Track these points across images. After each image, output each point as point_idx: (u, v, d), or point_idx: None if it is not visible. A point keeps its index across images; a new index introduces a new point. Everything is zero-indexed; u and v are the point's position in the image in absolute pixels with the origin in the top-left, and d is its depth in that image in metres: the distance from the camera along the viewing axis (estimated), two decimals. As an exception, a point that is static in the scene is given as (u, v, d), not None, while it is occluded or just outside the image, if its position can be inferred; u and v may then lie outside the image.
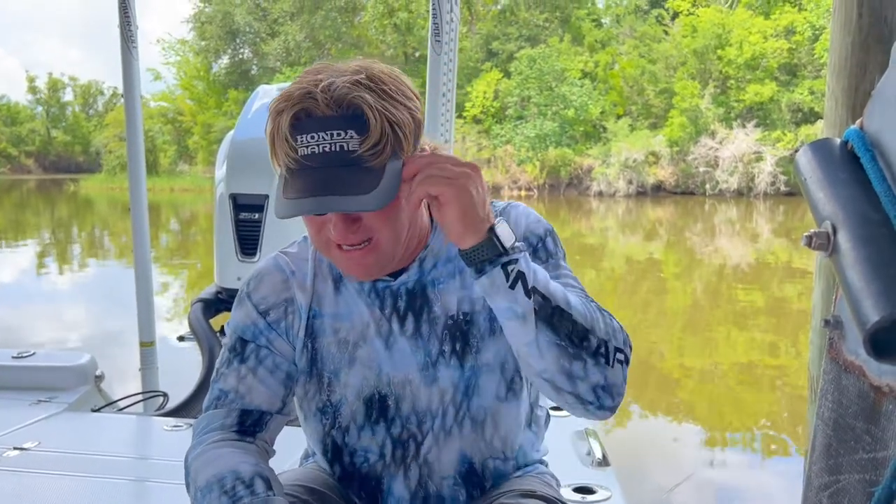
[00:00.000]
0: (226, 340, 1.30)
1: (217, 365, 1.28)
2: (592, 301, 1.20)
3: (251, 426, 1.23)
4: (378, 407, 1.26)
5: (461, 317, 1.25)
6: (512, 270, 1.08)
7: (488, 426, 1.28)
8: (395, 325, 1.26)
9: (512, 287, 1.08)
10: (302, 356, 1.28)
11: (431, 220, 1.28)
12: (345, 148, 1.08)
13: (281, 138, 1.10)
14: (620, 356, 1.13)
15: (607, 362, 1.11)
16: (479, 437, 1.28)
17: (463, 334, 1.25)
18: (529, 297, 1.08)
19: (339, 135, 1.08)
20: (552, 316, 1.09)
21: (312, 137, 1.08)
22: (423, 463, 1.28)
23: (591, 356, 1.10)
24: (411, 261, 1.26)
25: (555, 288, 1.12)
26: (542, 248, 1.26)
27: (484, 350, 1.25)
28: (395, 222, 1.16)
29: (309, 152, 1.09)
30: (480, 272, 1.09)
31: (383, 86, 1.11)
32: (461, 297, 1.26)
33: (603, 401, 1.12)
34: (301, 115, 1.09)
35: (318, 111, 1.08)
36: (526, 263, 1.10)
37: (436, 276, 1.27)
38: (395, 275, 1.25)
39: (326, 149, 1.08)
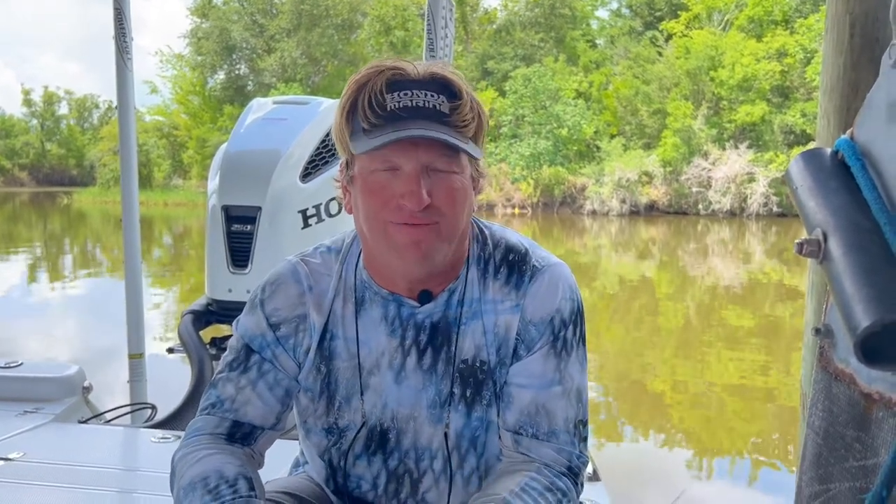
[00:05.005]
0: (232, 341, 1.27)
1: (220, 365, 1.26)
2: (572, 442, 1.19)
3: (240, 438, 1.21)
4: (378, 439, 1.24)
5: (477, 364, 1.22)
6: None
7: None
8: (412, 359, 1.22)
9: None
10: (311, 375, 1.24)
11: (469, 247, 1.25)
12: (437, 108, 1.09)
13: (367, 97, 1.09)
14: None
15: None
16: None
17: (477, 382, 1.22)
18: None
19: (432, 96, 1.09)
20: None
21: (405, 94, 1.09)
22: (421, 501, 1.26)
23: None
24: (442, 289, 1.22)
25: None
26: (560, 337, 1.20)
27: (493, 408, 1.22)
28: (462, 211, 1.15)
29: (400, 105, 1.08)
30: None
31: (464, 78, 1.15)
32: (479, 344, 1.22)
33: None
34: (394, 77, 1.10)
35: (410, 76, 1.10)
36: None
37: (460, 316, 1.22)
38: (423, 299, 1.21)
39: (419, 104, 1.09)
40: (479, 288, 1.23)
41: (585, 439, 1.21)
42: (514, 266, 1.23)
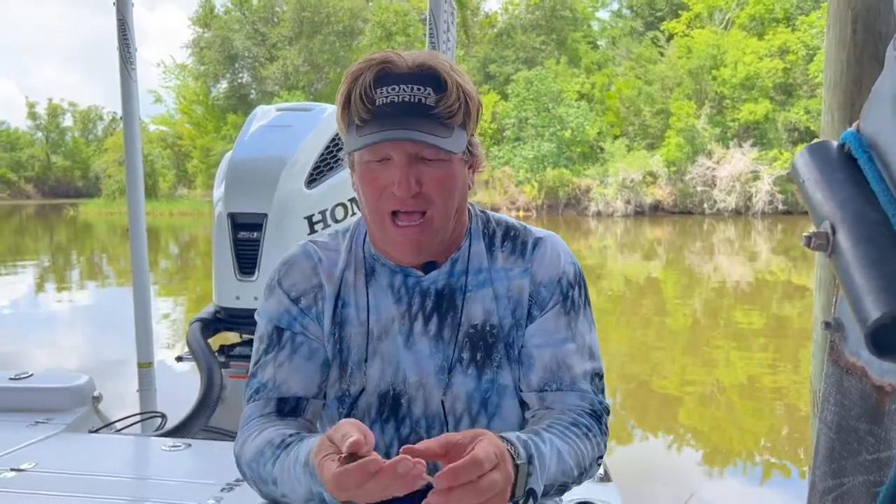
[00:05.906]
0: (259, 331, 1.31)
1: (253, 357, 1.30)
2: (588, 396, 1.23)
3: (289, 412, 1.25)
4: (391, 404, 1.27)
5: (487, 328, 1.27)
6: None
7: None
8: (419, 325, 1.27)
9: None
10: (328, 343, 1.29)
11: (469, 222, 1.32)
12: (423, 101, 1.15)
13: (359, 91, 1.15)
14: (598, 464, 1.23)
15: (587, 475, 1.20)
16: None
17: (487, 346, 1.26)
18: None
19: (418, 89, 1.15)
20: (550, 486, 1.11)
21: (392, 89, 1.15)
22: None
23: (575, 481, 1.18)
24: (445, 258, 1.29)
25: (556, 469, 1.10)
26: (570, 297, 1.28)
27: (504, 370, 1.26)
28: (451, 197, 1.21)
29: (388, 101, 1.15)
30: None
31: (454, 65, 1.21)
32: (489, 309, 1.28)
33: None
34: (382, 72, 1.16)
35: (399, 69, 1.16)
36: (537, 482, 1.05)
37: (465, 283, 1.29)
38: (427, 269, 1.28)
39: (406, 99, 1.15)
40: (488, 259, 1.30)
41: (603, 391, 1.28)
42: (517, 239, 1.33)
